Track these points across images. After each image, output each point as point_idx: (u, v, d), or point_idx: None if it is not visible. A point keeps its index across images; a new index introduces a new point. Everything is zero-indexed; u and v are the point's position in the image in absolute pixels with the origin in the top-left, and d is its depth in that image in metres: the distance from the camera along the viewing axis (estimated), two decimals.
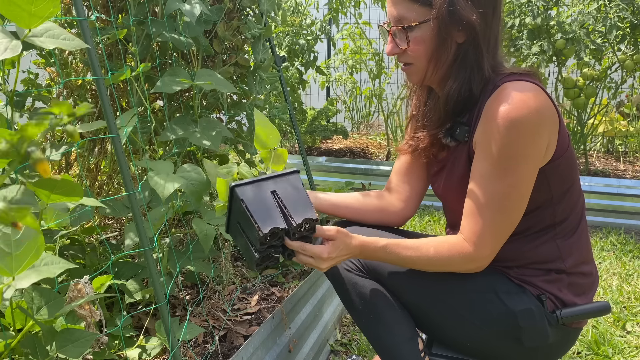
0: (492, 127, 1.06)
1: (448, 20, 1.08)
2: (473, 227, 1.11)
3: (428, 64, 1.15)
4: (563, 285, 1.17)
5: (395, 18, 1.13)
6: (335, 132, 4.14)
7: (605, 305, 1.17)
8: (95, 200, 1.07)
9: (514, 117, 1.04)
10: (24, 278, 0.83)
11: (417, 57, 1.15)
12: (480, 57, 1.12)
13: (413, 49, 1.14)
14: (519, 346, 1.16)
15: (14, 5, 0.84)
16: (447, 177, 1.24)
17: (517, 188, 1.08)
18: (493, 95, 1.09)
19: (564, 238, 1.17)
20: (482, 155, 1.10)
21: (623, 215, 3.19)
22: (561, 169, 1.12)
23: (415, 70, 1.18)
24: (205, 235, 1.31)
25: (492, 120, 1.06)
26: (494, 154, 1.07)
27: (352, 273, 1.26)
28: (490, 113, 1.07)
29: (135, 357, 1.24)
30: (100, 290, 1.12)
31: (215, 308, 1.53)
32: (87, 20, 1.04)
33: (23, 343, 0.94)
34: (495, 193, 1.08)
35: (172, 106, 1.68)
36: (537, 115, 1.05)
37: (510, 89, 1.07)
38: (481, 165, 1.10)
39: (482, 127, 1.10)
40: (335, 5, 3.88)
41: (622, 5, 3.07)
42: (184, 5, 1.35)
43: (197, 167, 1.28)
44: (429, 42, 1.12)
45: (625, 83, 3.58)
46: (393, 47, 1.16)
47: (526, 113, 1.04)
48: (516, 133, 1.04)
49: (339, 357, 1.81)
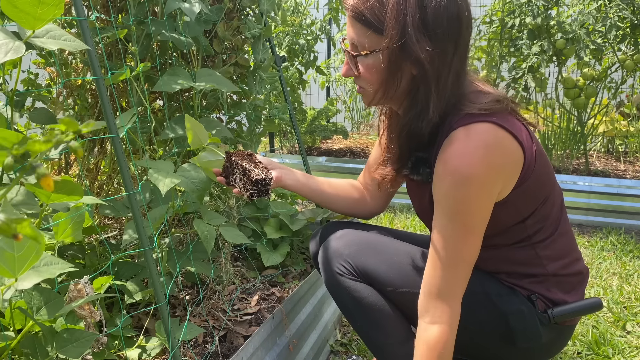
0: (443, 185, 1.03)
1: (398, 54, 1.01)
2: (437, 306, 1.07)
3: (379, 92, 1.10)
4: (551, 285, 1.17)
5: (350, 42, 1.09)
6: (335, 132, 4.14)
7: (596, 302, 1.17)
8: (95, 198, 1.07)
9: (461, 175, 1.00)
10: (25, 279, 0.83)
11: (368, 82, 1.10)
12: (428, 96, 1.05)
13: (364, 75, 1.09)
14: (513, 347, 1.16)
15: (18, 10, 0.84)
16: (418, 203, 1.24)
17: (474, 239, 1.06)
18: (445, 143, 1.04)
19: (541, 245, 1.15)
20: (440, 212, 1.06)
21: (623, 215, 3.19)
22: (530, 191, 1.09)
23: (369, 95, 1.13)
24: (207, 236, 1.31)
25: (441, 177, 1.04)
26: (450, 212, 1.04)
27: (344, 277, 1.25)
28: (441, 169, 1.04)
29: (135, 357, 1.23)
30: (100, 290, 1.12)
31: (215, 308, 1.53)
32: (87, 20, 1.04)
33: (23, 343, 0.94)
34: (456, 251, 1.05)
35: (172, 106, 1.68)
36: (486, 170, 1.00)
37: (461, 141, 1.01)
38: (439, 224, 1.06)
39: (435, 183, 1.07)
40: (335, 5, 3.88)
41: (622, 5, 3.07)
42: (184, 4, 1.35)
43: (197, 167, 1.28)
44: (380, 71, 1.06)
45: (626, 83, 3.58)
46: (347, 70, 1.13)
47: (472, 169, 0.99)
48: (464, 189, 1.01)
49: (339, 357, 1.81)
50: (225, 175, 1.27)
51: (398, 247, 1.28)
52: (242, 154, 1.28)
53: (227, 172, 1.27)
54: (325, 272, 1.30)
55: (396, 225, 3.15)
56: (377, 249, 1.26)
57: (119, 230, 1.66)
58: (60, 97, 1.54)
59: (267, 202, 1.97)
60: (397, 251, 1.26)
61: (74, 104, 1.58)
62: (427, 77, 1.03)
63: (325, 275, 1.30)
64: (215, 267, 1.56)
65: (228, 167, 1.26)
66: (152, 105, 1.69)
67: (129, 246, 1.42)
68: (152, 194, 1.46)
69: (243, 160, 1.24)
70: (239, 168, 1.22)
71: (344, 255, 1.26)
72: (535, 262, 1.16)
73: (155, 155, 1.62)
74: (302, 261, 1.89)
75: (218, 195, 1.77)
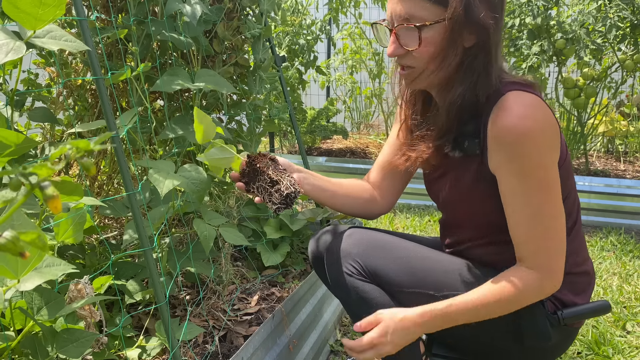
0: (507, 149, 1.04)
1: (463, 22, 1.03)
2: (532, 250, 1.07)
3: (432, 68, 1.09)
4: (562, 286, 1.17)
5: (402, 17, 1.06)
6: (335, 132, 4.14)
7: (605, 305, 1.18)
8: (95, 199, 1.07)
9: (524, 134, 1.02)
10: (28, 280, 0.84)
11: (422, 59, 1.09)
12: (489, 62, 1.08)
13: (421, 51, 1.07)
14: (521, 347, 1.16)
15: (19, 10, 0.84)
16: (452, 186, 1.20)
17: (554, 193, 1.07)
18: (498, 108, 1.06)
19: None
20: (508, 177, 1.07)
21: (623, 215, 3.19)
22: (562, 178, 1.11)
23: (417, 74, 1.12)
24: (206, 236, 1.31)
25: (503, 141, 1.04)
26: (523, 171, 1.04)
27: (353, 277, 1.23)
28: (499, 133, 1.05)
29: (135, 357, 1.23)
30: (100, 290, 1.12)
31: (215, 308, 1.53)
32: (87, 20, 1.04)
33: (23, 343, 0.94)
34: (539, 206, 1.06)
35: (172, 106, 1.68)
36: (545, 126, 1.04)
37: (515, 102, 1.04)
38: (512, 186, 1.07)
39: (496, 151, 1.07)
40: (335, 5, 3.88)
41: (622, 5, 3.07)
42: (185, 6, 1.35)
43: (197, 167, 1.28)
44: (439, 43, 1.06)
45: (626, 83, 3.58)
46: (396, 48, 1.09)
47: (534, 124, 1.02)
48: (532, 146, 1.03)
49: (339, 357, 1.81)
50: (246, 181, 1.17)
51: (407, 246, 1.26)
52: (265, 159, 1.17)
53: (248, 178, 1.16)
54: (333, 271, 1.27)
55: (396, 225, 3.15)
56: (386, 248, 1.24)
57: (119, 230, 1.66)
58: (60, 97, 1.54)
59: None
60: (407, 251, 1.24)
61: (74, 104, 1.58)
62: (489, 44, 1.06)
63: (332, 275, 1.27)
64: (215, 267, 1.56)
65: (250, 172, 1.16)
66: (153, 105, 1.69)
67: (129, 246, 1.42)
68: (152, 193, 1.46)
69: (269, 167, 1.14)
70: (265, 177, 1.12)
71: (352, 254, 1.23)
72: None
73: (155, 155, 1.62)
74: (302, 261, 1.89)
75: (218, 195, 1.77)
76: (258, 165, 1.14)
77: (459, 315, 1.09)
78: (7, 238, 0.44)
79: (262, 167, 1.13)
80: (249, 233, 1.86)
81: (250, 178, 1.16)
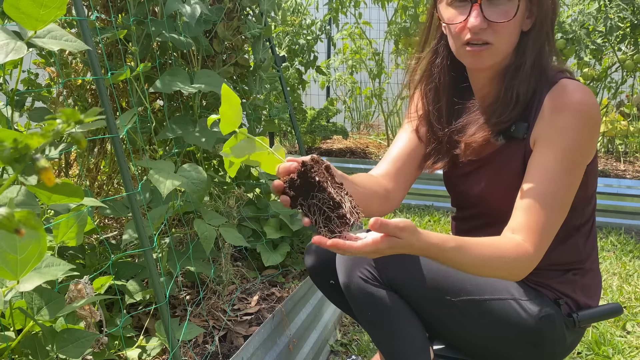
0: (564, 121, 1.04)
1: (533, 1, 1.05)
2: (533, 227, 1.03)
3: (505, 45, 1.07)
4: (577, 287, 1.17)
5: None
6: (335, 132, 4.14)
7: (618, 307, 1.19)
8: (96, 200, 1.07)
9: (586, 111, 1.03)
10: (27, 281, 0.83)
11: (503, 34, 1.06)
12: (552, 45, 1.10)
13: (506, 25, 1.05)
14: (537, 350, 1.15)
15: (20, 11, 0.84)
16: (494, 177, 1.17)
17: (575, 184, 1.06)
18: (556, 89, 1.07)
19: (583, 238, 1.18)
20: (549, 149, 1.05)
21: (623, 215, 3.19)
22: (593, 172, 1.12)
23: (494, 52, 1.08)
24: (206, 236, 1.31)
25: (563, 113, 1.04)
26: (564, 148, 1.04)
27: (368, 283, 1.17)
28: (560, 106, 1.04)
29: (135, 357, 1.23)
30: (100, 290, 1.12)
31: (215, 308, 1.53)
32: (87, 20, 1.04)
33: (23, 343, 0.94)
34: (558, 189, 1.04)
35: (172, 106, 1.68)
36: (598, 118, 1.05)
37: (573, 86, 1.05)
38: (546, 160, 1.05)
39: (550, 120, 1.05)
40: (335, 5, 3.88)
41: (622, 5, 3.07)
42: (184, 6, 1.35)
43: (197, 167, 1.28)
44: (519, 20, 1.06)
45: (626, 83, 3.58)
46: (482, 20, 1.04)
47: (594, 109, 1.04)
48: (586, 127, 1.04)
49: (339, 357, 1.81)
50: (294, 195, 0.89)
51: None
52: (321, 168, 0.89)
53: (297, 192, 0.89)
54: (346, 277, 1.19)
55: None
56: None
57: (119, 230, 1.66)
58: (60, 97, 1.54)
59: (267, 202, 1.97)
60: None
61: (74, 104, 1.58)
62: (551, 26, 1.09)
63: (346, 281, 1.19)
64: (215, 267, 1.56)
65: (301, 185, 0.88)
66: (152, 105, 1.69)
67: (129, 246, 1.42)
68: (152, 194, 1.46)
69: (328, 182, 0.88)
70: (324, 195, 0.87)
71: (367, 259, 1.16)
72: (576, 257, 1.18)
73: (155, 155, 1.62)
74: (302, 261, 1.89)
75: (218, 195, 1.77)
76: (317, 178, 0.87)
77: (461, 257, 0.98)
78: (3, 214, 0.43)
79: (321, 181, 0.87)
80: (249, 233, 1.86)
81: (301, 192, 0.89)
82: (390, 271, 1.16)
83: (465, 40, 1.08)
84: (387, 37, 3.95)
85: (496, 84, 1.14)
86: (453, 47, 1.14)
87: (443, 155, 1.24)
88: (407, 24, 3.71)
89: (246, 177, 1.99)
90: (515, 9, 1.04)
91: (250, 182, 1.98)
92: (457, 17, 1.08)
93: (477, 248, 0.99)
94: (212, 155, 1.81)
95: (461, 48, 1.10)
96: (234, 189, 1.87)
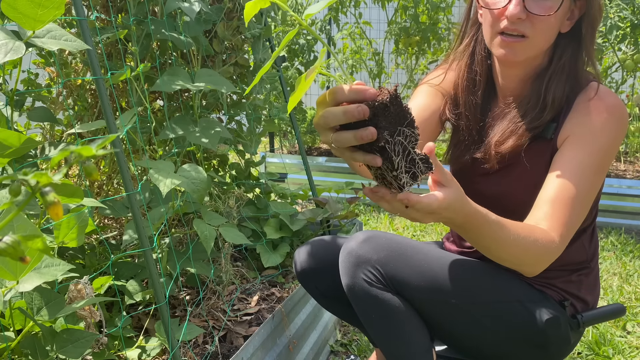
0: (599, 122, 1.04)
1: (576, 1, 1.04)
2: (560, 218, 1.01)
3: (542, 42, 1.05)
4: (582, 286, 1.17)
5: None
6: None
7: (621, 308, 1.20)
8: (95, 200, 1.07)
9: (619, 115, 1.05)
10: (27, 281, 0.83)
11: (541, 29, 1.02)
12: (590, 52, 1.08)
13: (547, 20, 1.01)
14: (541, 351, 1.15)
15: (17, 12, 0.84)
16: (517, 177, 1.15)
17: (599, 186, 1.07)
18: (589, 91, 1.07)
19: (588, 238, 1.19)
20: (581, 148, 1.04)
21: (623, 215, 3.19)
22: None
23: (528, 46, 1.05)
24: (206, 236, 1.31)
25: (599, 115, 1.04)
26: (597, 149, 1.04)
27: (372, 286, 1.14)
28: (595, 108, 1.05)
29: (135, 357, 1.23)
30: (100, 291, 1.12)
31: (215, 308, 1.53)
32: (87, 20, 1.04)
33: (23, 344, 0.93)
34: (587, 188, 1.04)
35: (172, 106, 1.68)
36: (626, 123, 1.07)
37: (604, 89, 1.07)
38: (578, 158, 1.04)
39: (584, 120, 1.05)
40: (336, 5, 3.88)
41: (622, 5, 3.07)
42: (184, 3, 1.35)
43: (197, 167, 1.28)
44: (560, 17, 1.03)
45: (626, 83, 3.58)
46: (522, 10, 1.01)
47: (625, 114, 1.06)
48: (619, 131, 1.05)
49: (339, 357, 1.81)
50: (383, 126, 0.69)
51: (428, 252, 1.18)
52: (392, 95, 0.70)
53: (386, 121, 0.69)
54: (350, 278, 1.16)
55: (396, 226, 3.15)
56: (407, 254, 1.15)
57: (119, 230, 1.65)
58: (60, 97, 1.54)
59: (267, 202, 1.97)
60: (428, 257, 1.17)
61: (73, 104, 1.58)
62: (598, 18, 1.07)
63: (349, 282, 1.16)
64: (215, 267, 1.56)
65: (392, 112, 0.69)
66: (152, 105, 1.69)
67: (129, 246, 1.42)
68: (152, 194, 1.46)
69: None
70: (413, 130, 0.70)
71: (372, 261, 1.13)
72: (583, 256, 1.18)
73: (155, 155, 1.62)
74: None
75: (218, 195, 1.77)
76: (404, 105, 0.69)
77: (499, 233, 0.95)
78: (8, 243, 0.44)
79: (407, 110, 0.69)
80: (249, 233, 1.85)
81: (389, 124, 0.69)
82: (395, 274, 1.14)
83: (501, 29, 1.05)
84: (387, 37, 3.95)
85: (528, 85, 1.12)
86: (487, 35, 1.10)
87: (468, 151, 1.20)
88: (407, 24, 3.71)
89: (246, 177, 1.99)
90: (558, 4, 1.01)
91: (250, 182, 1.98)
92: (497, 3, 1.05)
93: (514, 227, 0.96)
94: (212, 155, 1.81)
95: (495, 37, 1.06)
96: (234, 189, 1.87)
